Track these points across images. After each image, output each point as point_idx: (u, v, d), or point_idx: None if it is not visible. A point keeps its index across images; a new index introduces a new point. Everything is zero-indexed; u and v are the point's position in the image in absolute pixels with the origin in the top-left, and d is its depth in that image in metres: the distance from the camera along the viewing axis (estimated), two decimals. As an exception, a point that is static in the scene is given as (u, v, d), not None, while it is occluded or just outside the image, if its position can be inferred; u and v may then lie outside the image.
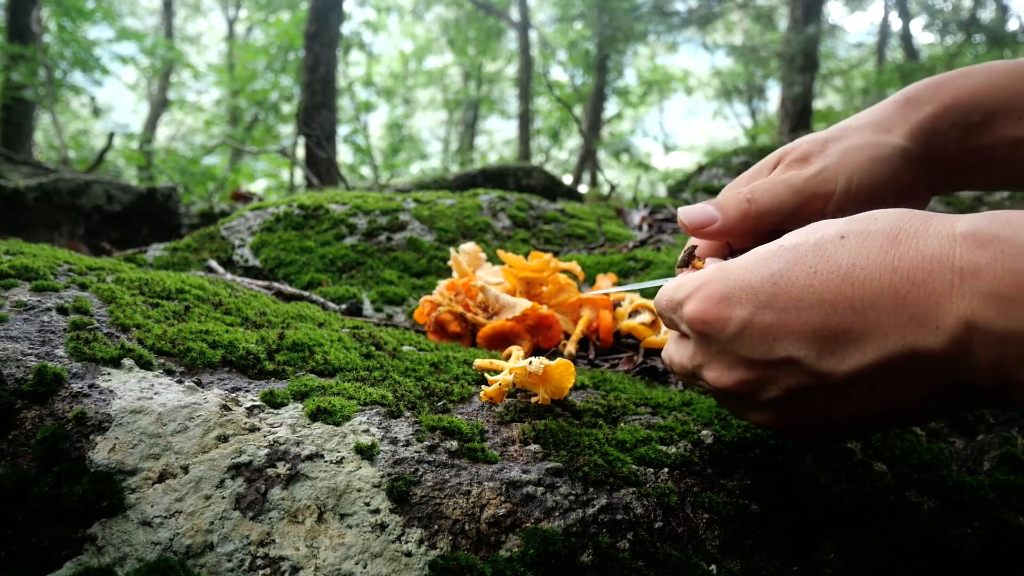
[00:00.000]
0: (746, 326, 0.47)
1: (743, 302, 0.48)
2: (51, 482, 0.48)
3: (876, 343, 0.43)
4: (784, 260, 0.47)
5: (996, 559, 0.61)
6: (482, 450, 0.58)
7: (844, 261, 0.44)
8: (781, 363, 0.47)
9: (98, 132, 15.17)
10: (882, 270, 0.42)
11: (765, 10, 11.44)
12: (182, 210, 2.58)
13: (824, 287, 0.44)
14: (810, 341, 0.45)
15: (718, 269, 0.51)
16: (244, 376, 0.65)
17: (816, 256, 0.45)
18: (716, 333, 0.49)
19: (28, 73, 7.51)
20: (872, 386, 0.45)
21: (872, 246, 0.44)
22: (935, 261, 0.41)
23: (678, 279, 0.56)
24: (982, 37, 9.99)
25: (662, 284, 0.61)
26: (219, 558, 0.46)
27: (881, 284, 0.42)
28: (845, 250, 0.45)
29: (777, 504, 0.60)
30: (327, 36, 7.49)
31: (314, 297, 1.13)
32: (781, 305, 0.46)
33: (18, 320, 0.63)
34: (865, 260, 0.43)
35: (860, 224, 0.46)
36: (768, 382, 0.49)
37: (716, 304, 0.49)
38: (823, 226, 0.48)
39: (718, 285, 0.49)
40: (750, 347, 0.48)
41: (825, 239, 0.46)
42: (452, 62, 18.47)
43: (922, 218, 0.44)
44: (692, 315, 0.51)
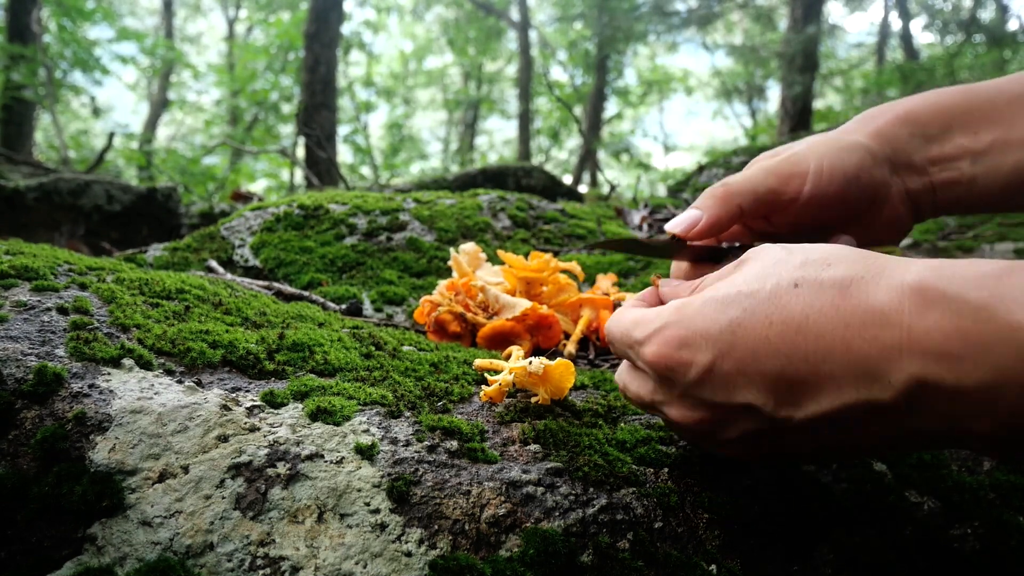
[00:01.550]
0: (707, 372, 0.48)
1: (704, 348, 0.48)
2: (51, 482, 0.48)
3: (831, 394, 0.44)
4: (741, 308, 0.47)
5: (996, 559, 0.61)
6: (482, 450, 0.58)
7: (798, 312, 0.45)
8: (741, 408, 0.48)
9: (98, 132, 15.17)
10: (834, 324, 0.43)
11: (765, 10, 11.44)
12: (182, 210, 2.58)
13: (780, 338, 0.45)
14: (768, 390, 0.46)
15: (676, 311, 0.51)
16: (244, 376, 0.65)
17: (771, 306, 0.46)
18: (678, 377, 0.50)
19: (28, 73, 7.51)
20: (828, 429, 0.46)
21: (824, 298, 0.44)
22: (885, 317, 0.41)
23: (633, 315, 0.55)
24: (982, 37, 9.99)
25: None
26: (219, 558, 0.46)
27: (833, 338, 0.43)
28: (799, 301, 0.45)
29: (777, 504, 0.60)
30: (327, 36, 7.49)
31: (314, 297, 1.13)
32: (739, 355, 0.46)
33: (18, 320, 0.63)
34: (818, 313, 0.44)
35: (813, 271, 0.46)
36: (728, 423, 0.50)
37: (677, 349, 0.49)
38: (778, 268, 0.48)
39: (678, 330, 0.50)
40: (711, 392, 0.49)
41: (780, 287, 0.46)
42: (452, 62, 18.47)
43: (875, 265, 0.44)
44: (654, 359, 0.51)
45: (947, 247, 1.67)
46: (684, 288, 0.58)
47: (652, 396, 0.54)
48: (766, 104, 16.63)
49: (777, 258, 0.49)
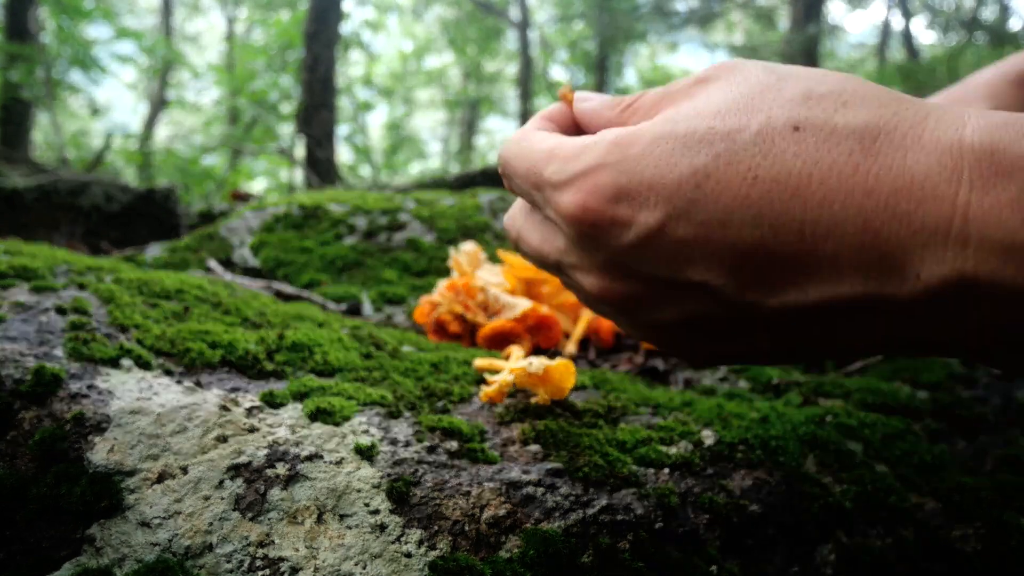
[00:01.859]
0: (651, 237, 0.35)
1: (651, 205, 0.34)
2: (50, 483, 0.48)
3: (824, 282, 0.32)
4: (713, 152, 0.33)
5: (997, 560, 0.61)
6: (482, 450, 0.58)
7: (795, 168, 0.32)
8: (689, 287, 0.35)
9: (97, 132, 15.17)
10: (849, 190, 0.31)
11: (765, 10, 11.44)
12: (181, 210, 2.58)
13: (765, 200, 0.32)
14: (735, 267, 0.34)
15: (613, 146, 0.36)
16: (243, 376, 0.65)
17: (757, 154, 0.33)
18: (607, 239, 0.36)
19: (26, 72, 7.50)
20: (805, 323, 0.34)
21: (838, 151, 0.31)
22: (930, 188, 0.29)
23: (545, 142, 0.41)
24: (984, 36, 9.99)
25: None
26: (218, 559, 0.46)
27: (846, 210, 0.31)
28: (799, 151, 0.32)
29: (777, 505, 0.60)
30: (327, 36, 7.49)
31: (314, 297, 1.13)
32: (702, 217, 0.33)
33: (16, 320, 0.63)
34: (826, 171, 0.31)
35: (822, 111, 0.33)
36: (665, 303, 0.37)
37: (610, 201, 0.35)
38: (767, 100, 0.34)
39: (615, 176, 0.35)
40: (651, 263, 0.36)
41: (771, 128, 0.33)
42: (452, 62, 18.47)
43: (914, 113, 0.32)
44: (575, 211, 0.37)
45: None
46: (610, 107, 0.44)
47: (561, 256, 0.41)
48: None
49: (764, 82, 0.35)
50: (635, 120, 0.40)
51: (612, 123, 0.42)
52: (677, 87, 0.39)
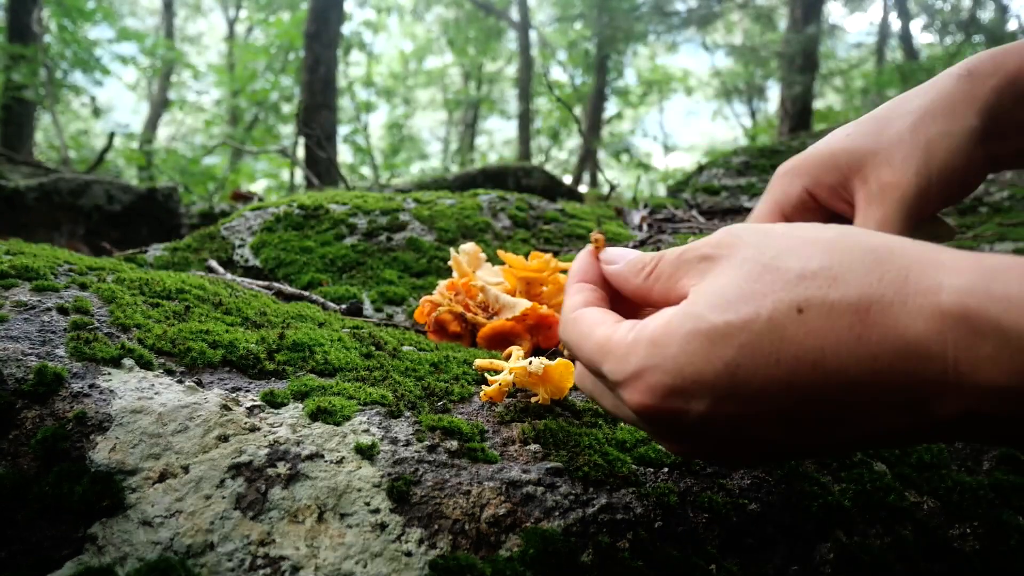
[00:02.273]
0: (707, 418, 0.41)
1: (698, 396, 0.40)
2: (52, 482, 0.48)
3: (859, 424, 0.38)
4: (736, 345, 0.39)
5: (996, 559, 0.61)
6: (482, 450, 0.58)
7: (809, 346, 0.37)
8: (751, 440, 0.42)
9: (98, 132, 15.18)
10: (859, 359, 0.36)
11: (765, 10, 11.44)
12: (182, 210, 2.58)
13: (791, 377, 0.37)
14: (783, 425, 0.40)
15: (651, 348, 0.42)
16: (244, 376, 0.65)
17: (774, 340, 0.38)
18: (673, 423, 0.43)
19: (29, 73, 7.51)
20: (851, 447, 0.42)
21: (840, 326, 0.36)
22: (923, 350, 0.34)
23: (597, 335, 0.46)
24: (981, 37, 9.99)
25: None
26: (219, 558, 0.46)
27: (860, 374, 0.36)
28: (807, 331, 0.37)
29: (776, 504, 0.60)
30: (327, 36, 7.49)
31: (314, 297, 1.13)
32: (744, 397, 0.39)
33: (18, 320, 0.63)
34: (835, 345, 0.36)
35: (817, 289, 0.38)
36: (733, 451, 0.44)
37: (665, 398, 0.41)
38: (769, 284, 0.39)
39: (661, 377, 0.41)
40: (713, 432, 0.42)
41: (779, 315, 0.38)
42: (452, 62, 18.47)
43: (893, 278, 0.37)
44: (636, 407, 0.43)
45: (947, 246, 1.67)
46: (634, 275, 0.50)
47: (638, 424, 0.48)
48: (766, 104, 16.64)
49: (761, 263, 0.41)
50: (658, 287, 0.48)
51: (640, 291, 0.49)
52: (687, 258, 0.46)
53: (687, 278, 0.45)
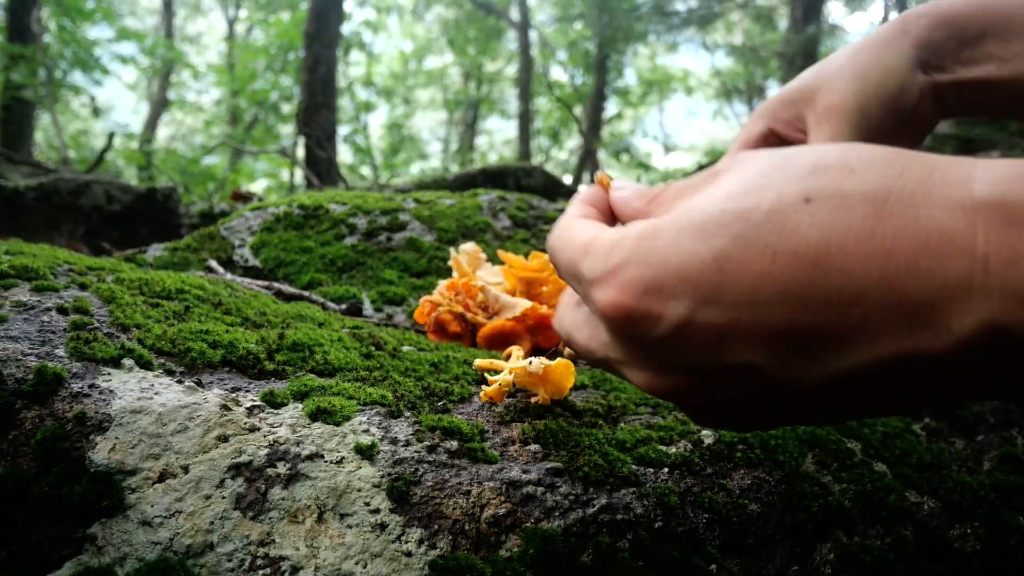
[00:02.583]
0: (684, 326, 0.35)
1: (678, 294, 0.35)
2: (51, 482, 0.48)
3: (861, 346, 0.33)
4: (730, 235, 0.34)
5: (996, 559, 0.61)
6: (482, 450, 0.58)
7: (813, 239, 0.32)
8: (732, 369, 0.36)
9: (98, 132, 15.18)
10: (869, 254, 0.31)
11: (765, 10, 11.44)
12: (182, 210, 2.58)
13: (788, 275, 0.33)
14: (773, 345, 0.34)
15: (638, 241, 0.37)
16: (244, 376, 0.65)
17: (773, 230, 0.33)
18: (640, 333, 0.37)
19: (28, 73, 7.51)
20: (848, 389, 0.35)
21: (852, 217, 0.32)
22: (947, 244, 0.30)
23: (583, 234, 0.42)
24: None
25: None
26: (219, 558, 0.46)
27: (868, 273, 0.31)
28: (813, 222, 0.33)
29: (777, 504, 0.60)
30: (327, 36, 7.49)
31: (314, 297, 1.13)
32: (730, 300, 0.34)
33: (18, 320, 0.63)
34: (843, 238, 0.32)
35: (830, 180, 0.34)
36: (712, 388, 0.38)
37: (640, 296, 0.36)
38: (777, 177, 0.35)
39: (641, 270, 0.36)
40: (689, 351, 0.36)
41: (783, 204, 0.34)
42: (452, 62, 18.48)
43: (919, 170, 0.32)
44: (609, 308, 0.38)
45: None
46: (639, 198, 0.46)
47: (607, 351, 0.42)
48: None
49: (771, 163, 0.36)
50: (660, 211, 0.42)
51: (640, 213, 0.44)
52: (696, 179, 0.41)
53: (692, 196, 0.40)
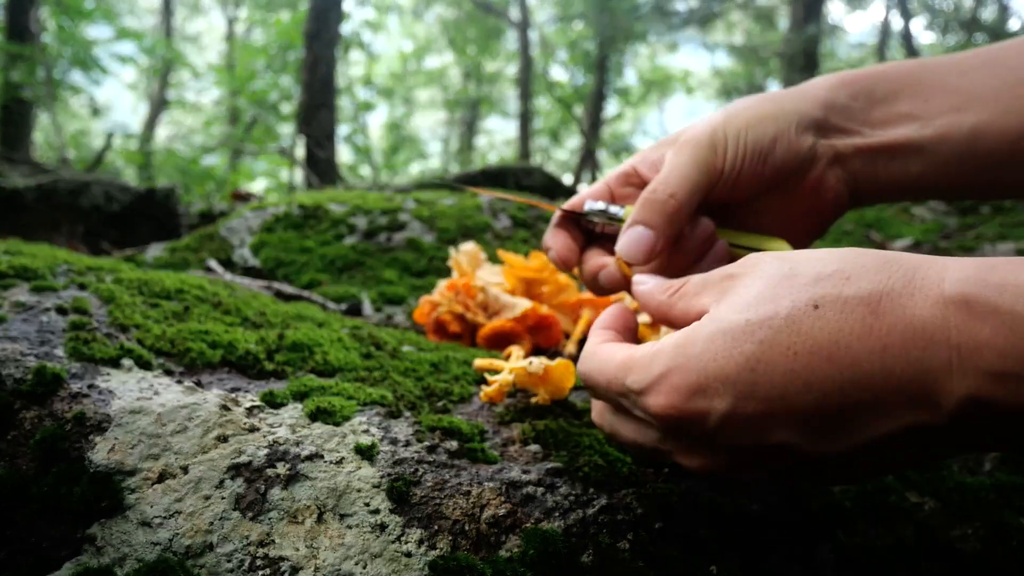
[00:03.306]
0: (728, 418, 0.42)
1: (720, 393, 0.42)
2: (50, 482, 0.48)
3: (873, 423, 0.40)
4: (757, 340, 0.41)
5: (997, 560, 0.61)
6: (482, 450, 0.58)
7: (824, 339, 0.39)
8: (771, 448, 0.43)
9: (97, 132, 15.17)
10: (870, 349, 0.38)
11: (765, 10, 11.44)
12: (182, 210, 2.58)
13: (808, 370, 0.40)
14: (801, 427, 0.41)
15: (676, 350, 0.44)
16: (244, 376, 0.65)
17: (792, 333, 0.40)
18: (696, 427, 0.44)
19: (27, 73, 7.51)
20: (869, 455, 0.42)
21: (853, 318, 0.39)
22: (928, 336, 0.37)
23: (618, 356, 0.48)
24: (983, 36, 9.99)
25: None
26: (219, 558, 0.46)
27: (872, 365, 0.38)
28: (823, 324, 0.40)
29: (777, 504, 0.60)
30: (327, 36, 7.49)
31: (314, 297, 1.13)
32: (763, 394, 0.41)
33: (17, 320, 0.63)
34: (848, 336, 0.39)
35: (832, 287, 0.41)
36: (754, 463, 0.45)
37: (689, 398, 0.43)
38: (788, 288, 0.42)
39: (686, 376, 0.43)
40: (734, 437, 0.43)
41: (796, 311, 0.41)
42: (452, 62, 18.47)
43: (902, 275, 0.40)
44: (662, 411, 0.44)
45: (948, 247, 1.67)
46: (661, 292, 0.52)
47: (657, 444, 0.48)
48: (766, 104, 16.60)
49: (780, 273, 0.43)
50: (682, 304, 0.50)
51: (663, 305, 0.52)
52: (712, 279, 0.48)
53: (707, 296, 0.48)
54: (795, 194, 0.65)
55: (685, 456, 0.47)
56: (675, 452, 0.48)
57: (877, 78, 0.65)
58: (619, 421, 0.51)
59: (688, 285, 0.50)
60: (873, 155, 0.64)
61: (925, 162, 0.63)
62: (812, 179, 0.64)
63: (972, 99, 0.61)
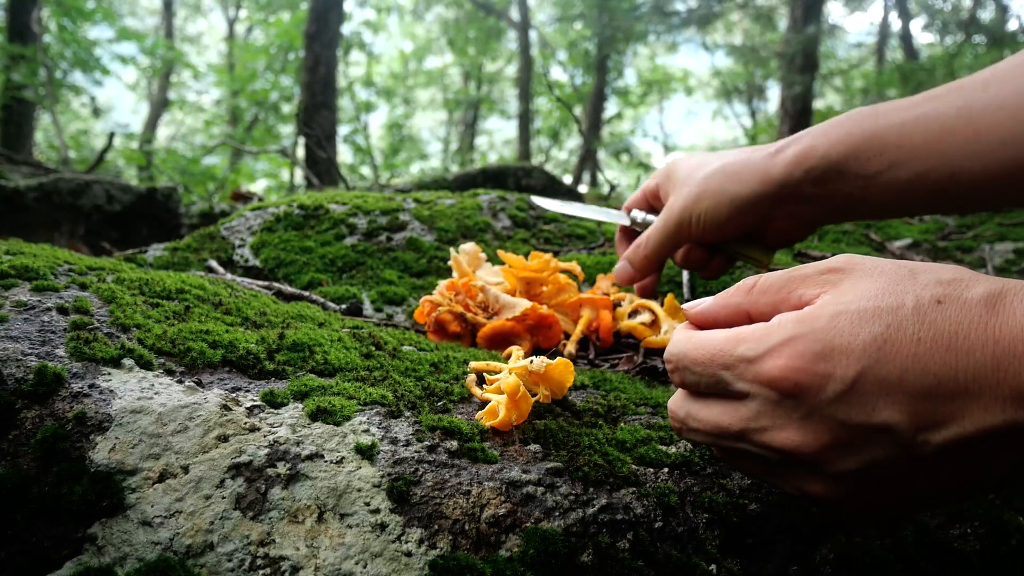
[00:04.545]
0: (849, 387, 0.44)
1: (845, 363, 0.44)
2: (51, 482, 0.48)
3: (976, 415, 0.42)
4: (885, 323, 0.45)
5: (996, 559, 0.61)
6: (482, 450, 0.58)
7: (947, 330, 0.43)
8: (875, 429, 0.44)
9: (98, 132, 15.18)
10: (984, 341, 0.42)
11: (765, 10, 11.44)
12: (182, 210, 2.58)
13: (929, 356, 0.43)
14: (912, 409, 0.43)
15: (799, 323, 0.47)
16: (244, 376, 0.65)
17: (918, 323, 0.44)
18: (811, 393, 0.45)
19: (28, 73, 7.51)
20: (959, 459, 0.44)
21: (972, 315, 0.43)
22: None
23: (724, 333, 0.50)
24: (982, 37, 9.99)
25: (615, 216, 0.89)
26: (219, 558, 0.46)
27: (984, 356, 0.42)
28: (946, 318, 0.44)
29: (777, 504, 0.60)
30: (327, 36, 7.49)
31: (314, 297, 1.13)
32: (885, 371, 0.44)
33: (18, 320, 0.63)
34: (967, 329, 0.43)
35: (954, 289, 0.45)
36: (852, 449, 0.46)
37: (815, 362, 0.45)
38: (911, 286, 0.46)
39: (812, 344, 0.45)
40: (847, 409, 0.44)
41: (922, 304, 0.45)
42: (452, 62, 18.47)
43: (1014, 284, 0.44)
44: (783, 372, 0.46)
45: (947, 247, 1.67)
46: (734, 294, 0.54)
47: (746, 423, 0.49)
48: (766, 104, 16.65)
49: (902, 273, 0.47)
50: (765, 299, 0.52)
51: (743, 304, 0.54)
52: (805, 273, 0.51)
53: (807, 288, 0.50)
54: (760, 236, 0.92)
55: (779, 433, 0.47)
56: (767, 430, 0.48)
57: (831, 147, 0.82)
58: (701, 405, 0.52)
59: (766, 281, 0.53)
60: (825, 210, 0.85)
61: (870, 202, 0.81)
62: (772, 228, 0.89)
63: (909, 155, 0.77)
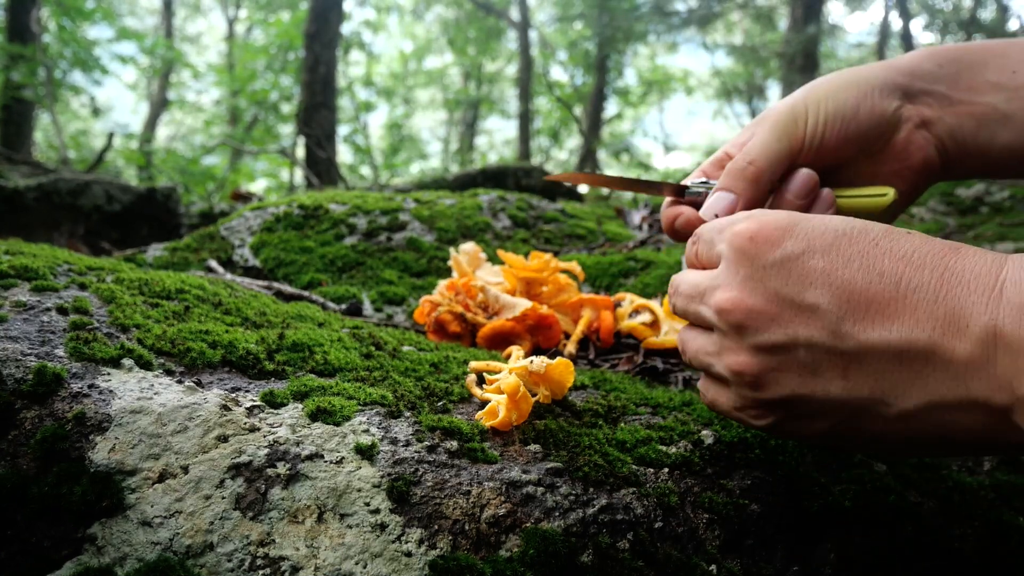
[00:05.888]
0: (791, 259, 0.49)
1: (799, 238, 0.49)
2: (51, 482, 0.48)
3: (904, 325, 0.44)
4: (852, 226, 0.49)
5: (996, 559, 0.61)
6: (482, 450, 0.58)
7: (908, 247, 0.46)
8: (803, 308, 0.48)
9: (98, 132, 15.17)
10: (936, 263, 0.45)
11: (765, 10, 11.43)
12: (182, 210, 2.58)
13: (881, 258, 0.46)
14: (843, 298, 0.46)
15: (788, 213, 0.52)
16: (244, 376, 0.65)
17: (884, 236, 0.48)
18: (757, 254, 0.50)
19: (28, 73, 7.51)
20: (880, 373, 0.46)
21: (935, 247, 0.46)
22: (983, 273, 0.44)
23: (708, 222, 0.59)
24: (982, 37, 9.99)
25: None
26: (219, 558, 0.46)
27: (932, 274, 0.45)
28: (911, 241, 0.47)
29: (777, 504, 0.60)
30: (327, 36, 7.49)
31: (314, 297, 1.13)
32: (832, 257, 0.47)
33: (18, 320, 0.63)
34: (925, 253, 0.46)
35: (925, 236, 0.48)
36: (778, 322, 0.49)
37: (773, 229, 0.50)
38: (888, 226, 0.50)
39: (782, 218, 0.51)
40: (782, 280, 0.49)
41: (893, 231, 0.48)
42: (452, 62, 18.47)
43: (976, 248, 0.47)
44: (742, 229, 0.51)
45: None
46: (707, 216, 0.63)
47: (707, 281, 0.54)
48: (766, 104, 16.64)
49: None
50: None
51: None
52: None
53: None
54: (883, 155, 0.68)
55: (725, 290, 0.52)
56: (718, 288, 0.53)
57: (964, 50, 0.68)
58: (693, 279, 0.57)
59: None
60: (959, 120, 0.67)
61: (1013, 133, 0.65)
62: (899, 140, 0.67)
63: None
